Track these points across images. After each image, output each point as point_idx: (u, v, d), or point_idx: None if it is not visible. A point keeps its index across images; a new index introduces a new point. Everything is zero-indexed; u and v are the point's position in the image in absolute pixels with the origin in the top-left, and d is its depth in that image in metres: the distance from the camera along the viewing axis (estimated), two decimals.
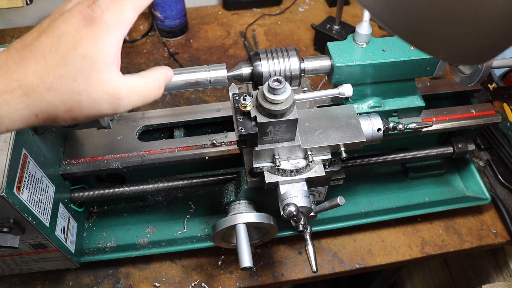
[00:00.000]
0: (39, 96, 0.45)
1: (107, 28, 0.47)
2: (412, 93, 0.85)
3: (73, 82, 0.46)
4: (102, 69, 0.47)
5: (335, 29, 1.31)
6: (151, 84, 0.53)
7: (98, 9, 0.47)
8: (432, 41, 0.35)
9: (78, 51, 0.46)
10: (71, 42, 0.46)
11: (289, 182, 0.75)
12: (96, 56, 0.46)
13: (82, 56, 0.46)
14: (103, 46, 0.47)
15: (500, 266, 1.17)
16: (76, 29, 0.47)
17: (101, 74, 0.47)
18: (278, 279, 0.94)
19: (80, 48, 0.46)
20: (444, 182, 1.07)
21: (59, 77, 0.46)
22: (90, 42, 0.46)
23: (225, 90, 1.27)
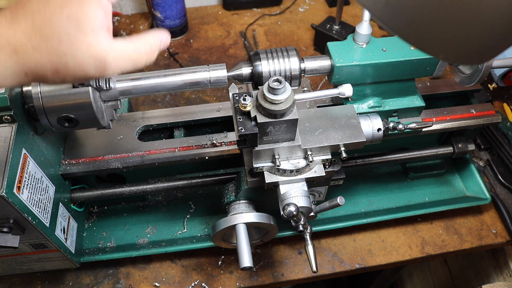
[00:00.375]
0: (27, 55, 0.46)
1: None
2: (412, 93, 0.85)
3: (58, 43, 0.46)
4: (88, 32, 0.47)
5: (335, 29, 1.31)
6: (141, 49, 0.53)
7: None
8: (432, 41, 0.35)
9: (63, 12, 0.46)
10: (58, 3, 0.47)
11: (289, 182, 0.75)
12: (82, 19, 0.47)
13: (68, 18, 0.46)
14: (89, 9, 0.47)
15: (500, 266, 1.17)
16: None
17: (87, 37, 0.47)
18: (278, 279, 0.94)
19: (66, 10, 0.46)
20: (444, 182, 1.07)
21: (45, 37, 0.46)
22: (76, 4, 0.47)
23: (225, 90, 1.27)
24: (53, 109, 0.68)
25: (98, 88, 0.70)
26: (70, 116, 0.69)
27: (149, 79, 0.72)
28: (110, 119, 0.76)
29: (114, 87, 0.72)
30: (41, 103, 0.68)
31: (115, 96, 0.72)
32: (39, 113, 0.69)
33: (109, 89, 0.71)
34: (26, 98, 0.71)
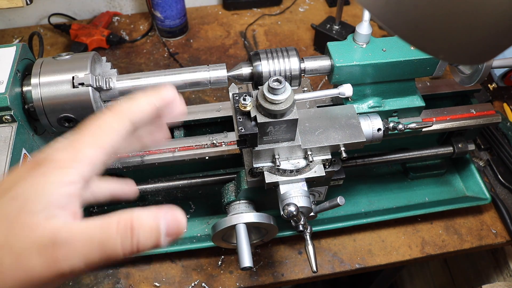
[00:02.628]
0: None
1: (55, 164, 0.38)
2: (412, 93, 0.85)
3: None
4: (35, 211, 0.35)
5: (335, 29, 1.31)
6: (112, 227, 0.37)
7: (50, 149, 0.39)
8: (432, 41, 0.35)
9: (9, 194, 0.36)
10: (8, 186, 0.37)
11: (289, 182, 0.75)
12: (31, 195, 0.36)
13: (12, 198, 0.36)
14: (44, 184, 0.36)
15: (500, 266, 1.17)
16: (20, 174, 0.38)
17: (33, 218, 0.35)
18: (278, 279, 0.94)
19: (13, 190, 0.37)
20: (444, 182, 1.07)
21: None
22: (28, 181, 0.37)
23: (225, 90, 1.27)
24: (53, 109, 0.69)
25: (98, 88, 0.70)
26: (70, 116, 0.69)
27: (149, 79, 0.72)
28: None
29: (114, 87, 0.72)
30: (41, 103, 0.68)
31: (115, 96, 0.73)
32: (39, 113, 0.69)
33: (109, 89, 0.71)
34: (26, 98, 0.71)
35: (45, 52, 1.33)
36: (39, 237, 0.35)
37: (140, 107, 0.44)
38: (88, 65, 0.69)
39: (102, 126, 0.41)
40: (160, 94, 0.45)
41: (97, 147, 0.40)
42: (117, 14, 1.48)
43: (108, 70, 0.74)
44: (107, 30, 1.35)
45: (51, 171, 0.37)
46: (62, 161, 0.38)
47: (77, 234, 0.36)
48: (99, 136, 0.41)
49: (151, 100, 0.45)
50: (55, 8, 1.43)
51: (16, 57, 0.71)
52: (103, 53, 1.35)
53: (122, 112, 0.43)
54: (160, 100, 0.45)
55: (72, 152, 0.39)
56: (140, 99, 0.44)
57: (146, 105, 0.44)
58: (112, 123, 0.42)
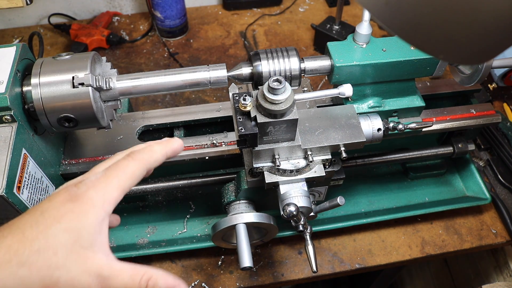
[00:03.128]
0: (10, 272, 0.41)
1: (91, 204, 0.46)
2: (412, 93, 0.85)
3: (53, 256, 0.43)
4: (86, 246, 0.44)
5: (335, 29, 1.31)
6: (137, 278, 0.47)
7: (84, 186, 0.47)
8: (432, 41, 0.35)
9: (61, 225, 0.44)
10: (54, 216, 0.44)
11: (289, 182, 0.75)
12: (81, 231, 0.44)
13: (65, 230, 0.44)
14: (87, 222, 0.45)
15: (500, 266, 1.17)
16: (61, 204, 0.45)
17: (85, 251, 0.44)
18: (278, 279, 0.94)
19: (64, 222, 0.44)
20: (444, 182, 1.07)
21: (37, 250, 0.42)
22: (74, 216, 0.45)
23: (225, 90, 1.27)
24: (53, 109, 0.69)
25: (98, 88, 0.70)
26: (70, 116, 0.69)
27: (149, 79, 0.72)
28: (110, 119, 0.76)
29: (114, 87, 0.72)
30: (41, 103, 0.68)
31: (115, 96, 0.73)
32: (39, 113, 0.69)
33: (109, 89, 0.71)
34: (26, 98, 0.71)
35: (45, 52, 1.33)
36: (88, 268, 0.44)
37: (157, 157, 0.54)
38: (88, 65, 0.69)
39: (127, 172, 0.50)
40: (172, 147, 0.56)
41: (121, 190, 0.49)
42: (117, 14, 1.48)
43: (108, 70, 0.74)
44: (107, 30, 1.36)
45: (88, 209, 0.45)
46: (96, 200, 0.46)
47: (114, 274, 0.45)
48: (123, 181, 0.49)
49: (166, 152, 0.55)
50: (55, 8, 1.43)
51: (16, 57, 0.71)
52: (103, 53, 1.35)
53: (144, 161, 0.52)
54: (171, 152, 0.56)
55: (102, 193, 0.47)
56: (158, 151, 0.54)
57: (161, 156, 0.54)
58: (135, 171, 0.51)
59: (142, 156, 0.52)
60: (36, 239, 0.43)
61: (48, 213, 0.45)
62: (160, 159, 0.54)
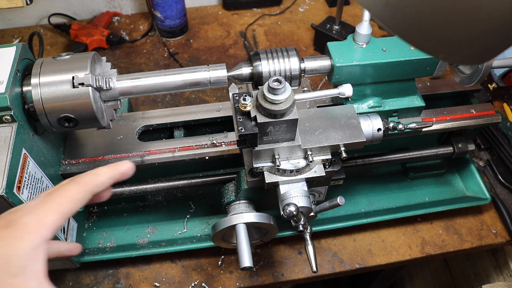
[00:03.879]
0: None
1: (25, 229, 0.44)
2: (412, 93, 0.85)
3: None
4: (15, 273, 0.42)
5: (335, 29, 1.31)
6: None
7: (19, 212, 0.46)
8: (432, 41, 0.35)
9: None
10: None
11: (289, 182, 0.75)
12: (10, 258, 0.42)
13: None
14: (18, 249, 0.43)
15: (500, 266, 1.17)
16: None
17: (13, 279, 0.42)
18: (278, 279, 0.94)
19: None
20: (444, 182, 1.07)
21: None
22: (5, 243, 0.43)
23: (225, 90, 1.27)
24: (53, 109, 0.69)
25: (98, 88, 0.70)
26: (70, 116, 0.69)
27: (149, 79, 0.72)
28: (110, 119, 0.76)
29: (114, 87, 0.72)
30: (41, 103, 0.68)
31: (115, 96, 0.73)
32: (39, 113, 0.69)
33: (109, 89, 0.71)
34: (26, 98, 0.71)
35: (45, 52, 1.33)
36: None
37: (102, 181, 0.53)
38: (88, 65, 0.69)
39: (67, 196, 0.49)
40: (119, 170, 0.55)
41: (60, 214, 0.47)
42: (117, 14, 1.48)
43: (108, 70, 0.74)
44: (107, 30, 1.36)
45: (21, 235, 0.44)
46: (30, 225, 0.45)
47: None
48: (62, 205, 0.48)
49: (113, 175, 0.54)
50: (55, 8, 1.43)
51: (16, 57, 0.71)
52: (103, 53, 1.35)
53: (87, 185, 0.52)
54: (119, 175, 0.55)
55: (38, 218, 0.46)
56: (103, 174, 0.53)
57: (107, 179, 0.54)
58: (76, 194, 0.50)
59: (85, 180, 0.52)
60: None
61: None
62: (105, 182, 0.54)
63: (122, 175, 0.56)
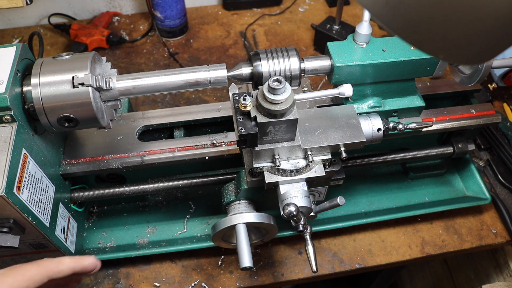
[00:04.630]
0: None
1: None
2: (412, 93, 0.85)
3: None
4: None
5: (335, 29, 1.31)
6: None
7: None
8: (432, 41, 0.35)
9: None
10: None
11: (289, 182, 0.75)
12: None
13: None
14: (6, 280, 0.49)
15: (500, 266, 1.17)
16: None
17: None
18: (278, 279, 0.94)
19: None
20: (444, 182, 1.07)
21: None
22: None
23: (225, 90, 1.27)
24: (53, 109, 0.69)
25: (98, 88, 0.70)
26: (70, 116, 0.69)
27: (149, 79, 0.72)
28: (110, 119, 0.76)
29: (114, 87, 0.72)
30: (41, 103, 0.68)
31: (115, 96, 0.73)
32: (39, 113, 0.69)
33: (109, 89, 0.71)
34: (26, 98, 0.71)
35: (45, 52, 1.33)
36: None
37: (61, 269, 0.58)
38: (88, 65, 0.69)
39: (25, 275, 0.54)
40: (82, 264, 0.60)
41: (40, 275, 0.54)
42: (117, 14, 1.48)
43: (108, 70, 0.74)
44: (107, 30, 1.36)
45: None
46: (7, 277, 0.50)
47: None
48: (17, 282, 0.53)
49: (74, 266, 0.59)
50: (55, 8, 1.43)
51: (16, 57, 0.71)
52: (103, 53, 1.35)
53: (46, 269, 0.56)
54: (81, 268, 0.60)
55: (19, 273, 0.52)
56: (65, 264, 0.58)
57: (67, 269, 0.59)
58: (33, 276, 0.55)
59: (46, 264, 0.57)
60: None
61: None
62: (65, 271, 0.58)
63: (84, 269, 0.61)
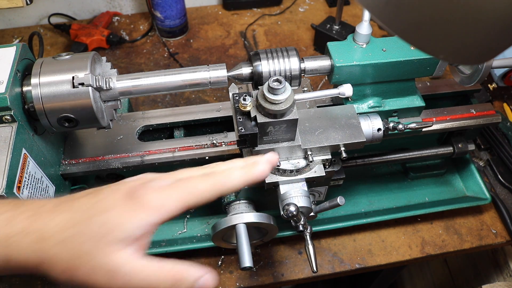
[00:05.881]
0: (49, 245, 0.44)
1: (145, 206, 0.46)
2: (412, 93, 0.85)
3: (82, 244, 0.45)
4: (116, 240, 0.45)
5: (335, 29, 1.31)
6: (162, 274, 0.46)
7: (146, 189, 0.47)
8: (432, 41, 0.35)
9: (103, 216, 0.45)
10: (103, 207, 0.46)
11: (289, 182, 0.75)
12: (118, 226, 0.45)
13: (104, 222, 0.45)
14: (130, 220, 0.45)
15: (500, 266, 1.17)
16: (116, 199, 0.47)
17: (113, 246, 0.45)
18: (278, 279, 0.94)
19: (107, 214, 0.45)
20: (444, 182, 1.07)
21: (74, 234, 0.45)
22: (119, 212, 0.45)
23: (225, 90, 1.27)
24: (53, 109, 0.69)
25: (98, 88, 0.70)
26: (70, 116, 0.69)
27: (149, 79, 0.72)
28: (110, 119, 0.76)
29: (114, 87, 0.72)
30: (41, 103, 0.68)
31: (115, 96, 0.73)
32: (39, 113, 0.69)
33: (109, 89, 0.71)
34: (26, 98, 0.71)
35: (45, 52, 1.33)
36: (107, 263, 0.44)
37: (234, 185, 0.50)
38: (88, 65, 0.69)
39: (195, 190, 0.48)
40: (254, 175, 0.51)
41: (181, 205, 0.47)
42: (117, 14, 1.48)
43: (108, 70, 0.74)
44: (107, 30, 1.36)
45: (141, 210, 0.46)
46: (152, 204, 0.46)
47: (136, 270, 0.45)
48: (187, 197, 0.48)
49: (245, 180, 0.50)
50: (55, 8, 1.43)
51: (16, 57, 0.71)
52: (103, 53, 1.35)
53: (218, 185, 0.49)
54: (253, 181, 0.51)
55: (162, 201, 0.46)
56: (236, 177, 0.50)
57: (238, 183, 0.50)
58: (204, 191, 0.49)
59: (217, 180, 0.50)
60: (78, 224, 0.45)
61: (101, 203, 0.46)
62: (237, 186, 0.50)
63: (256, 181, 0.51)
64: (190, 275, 0.47)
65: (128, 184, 0.49)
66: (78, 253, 0.44)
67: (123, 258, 0.45)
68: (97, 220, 0.45)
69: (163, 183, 0.48)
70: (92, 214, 0.46)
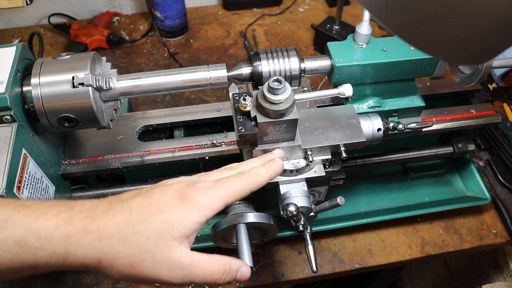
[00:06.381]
0: (109, 244, 0.48)
1: (196, 206, 0.52)
2: (412, 93, 0.85)
3: (145, 240, 0.49)
4: (176, 237, 0.50)
5: (335, 29, 1.31)
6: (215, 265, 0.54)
7: (194, 190, 0.53)
8: (432, 41, 0.35)
9: (162, 215, 0.50)
10: (160, 207, 0.51)
11: (289, 182, 0.75)
12: (177, 224, 0.50)
13: (164, 220, 0.50)
14: (186, 219, 0.51)
15: (500, 266, 1.17)
16: (169, 199, 0.52)
17: (172, 241, 0.50)
18: (278, 279, 0.94)
19: (166, 214, 0.51)
20: (444, 182, 1.07)
21: (135, 232, 0.49)
22: (177, 212, 0.51)
23: (225, 90, 1.27)
24: (53, 109, 0.69)
25: (98, 88, 0.70)
26: (70, 116, 0.69)
27: (149, 79, 0.72)
28: (110, 119, 0.76)
29: (114, 87, 0.72)
30: (41, 103, 0.68)
31: (115, 96, 0.73)
32: (39, 113, 0.69)
33: (109, 89, 0.71)
34: (26, 98, 0.71)
35: (45, 52, 1.33)
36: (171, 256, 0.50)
37: (262, 181, 0.60)
38: (88, 65, 0.69)
39: (234, 188, 0.56)
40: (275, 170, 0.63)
41: (224, 202, 0.55)
42: (117, 14, 1.48)
43: (108, 70, 0.74)
44: (107, 30, 1.36)
45: (193, 210, 0.52)
46: (201, 204, 0.53)
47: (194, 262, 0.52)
48: (228, 195, 0.55)
49: (269, 175, 0.61)
50: (55, 8, 1.43)
51: (16, 57, 0.71)
52: (103, 53, 1.35)
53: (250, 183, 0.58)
54: (274, 175, 0.63)
55: (208, 200, 0.53)
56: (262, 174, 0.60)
57: (265, 179, 0.61)
58: (241, 189, 0.57)
59: (249, 178, 0.58)
60: (138, 223, 0.49)
61: (156, 203, 0.51)
62: (264, 182, 0.60)
63: (276, 174, 0.63)
64: (235, 265, 0.56)
65: (174, 186, 0.54)
66: (141, 250, 0.49)
67: (182, 252, 0.51)
68: (157, 219, 0.50)
69: (205, 185, 0.55)
70: (149, 214, 0.50)
